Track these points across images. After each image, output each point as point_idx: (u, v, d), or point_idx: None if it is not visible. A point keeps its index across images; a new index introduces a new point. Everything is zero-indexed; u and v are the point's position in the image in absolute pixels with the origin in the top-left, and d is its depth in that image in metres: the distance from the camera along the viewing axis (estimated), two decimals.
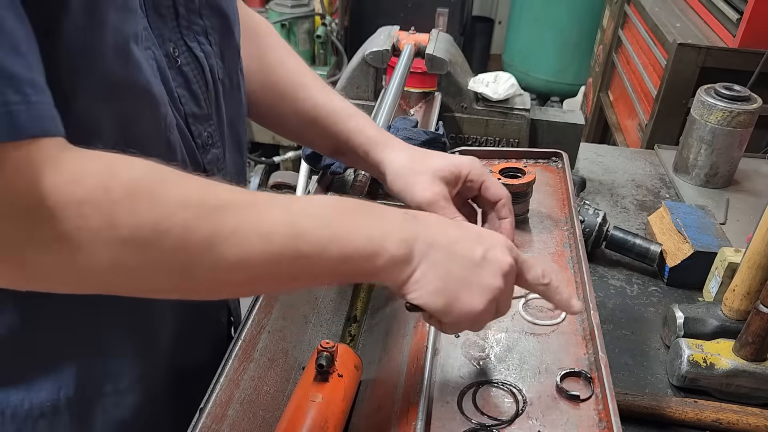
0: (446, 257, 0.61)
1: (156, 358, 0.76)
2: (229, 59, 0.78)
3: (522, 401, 0.68)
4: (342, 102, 0.90)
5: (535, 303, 0.81)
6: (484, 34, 4.56)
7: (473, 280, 0.61)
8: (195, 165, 0.73)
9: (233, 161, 0.84)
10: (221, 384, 0.70)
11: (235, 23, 0.77)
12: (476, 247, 0.62)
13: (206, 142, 0.74)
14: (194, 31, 0.71)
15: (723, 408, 0.88)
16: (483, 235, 0.64)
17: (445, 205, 0.80)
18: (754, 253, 0.91)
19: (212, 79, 0.73)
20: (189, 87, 0.70)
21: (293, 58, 0.94)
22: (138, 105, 0.61)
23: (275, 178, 3.04)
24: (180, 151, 0.69)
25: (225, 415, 0.69)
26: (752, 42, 1.76)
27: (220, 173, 0.78)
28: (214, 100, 0.75)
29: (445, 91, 1.49)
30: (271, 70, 0.91)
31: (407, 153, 0.86)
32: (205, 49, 0.72)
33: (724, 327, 0.97)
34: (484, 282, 0.61)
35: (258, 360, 0.78)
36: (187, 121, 0.70)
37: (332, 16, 3.57)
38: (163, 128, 0.65)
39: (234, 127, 0.82)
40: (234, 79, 0.81)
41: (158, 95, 0.63)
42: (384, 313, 0.94)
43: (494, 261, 0.62)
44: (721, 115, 1.37)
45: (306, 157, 1.12)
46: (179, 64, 0.68)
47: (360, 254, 0.58)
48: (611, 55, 2.59)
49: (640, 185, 1.50)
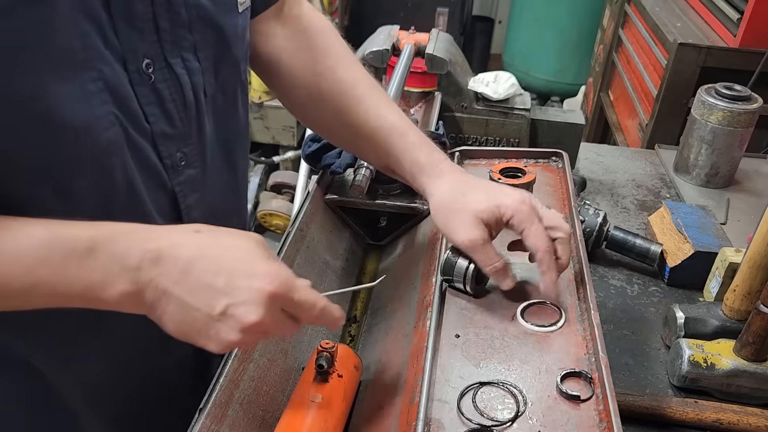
0: (179, 308, 0.58)
1: (130, 361, 0.76)
2: (225, 74, 0.75)
3: (522, 401, 0.67)
4: (396, 117, 0.86)
5: (533, 310, 0.81)
6: (484, 34, 4.56)
7: (209, 332, 0.59)
8: (158, 186, 0.70)
9: (223, 178, 0.81)
10: (221, 384, 0.70)
11: (233, 36, 0.73)
12: (218, 301, 0.58)
13: (178, 162, 0.71)
14: (180, 47, 0.67)
15: (723, 408, 0.88)
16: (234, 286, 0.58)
17: (483, 250, 0.76)
18: (755, 253, 0.90)
19: (194, 98, 0.70)
20: (162, 105, 0.67)
21: (349, 66, 0.89)
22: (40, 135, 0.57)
23: (275, 178, 3.04)
24: (123, 175, 0.65)
25: (225, 415, 0.69)
26: (753, 42, 1.76)
27: (196, 193, 0.74)
28: (195, 118, 0.71)
29: (445, 90, 1.49)
30: (323, 79, 0.86)
31: (450, 185, 0.81)
32: (190, 65, 0.68)
33: (724, 327, 0.97)
34: (219, 336, 0.59)
35: (258, 360, 0.78)
36: (154, 140, 0.67)
37: (332, 16, 3.57)
38: (88, 155, 0.61)
39: (226, 145, 0.79)
40: (230, 95, 0.77)
41: (78, 122, 0.58)
42: (384, 313, 0.93)
43: (234, 318, 0.58)
44: (722, 114, 1.37)
45: (306, 157, 1.12)
46: (153, 81, 0.65)
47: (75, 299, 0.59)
48: (611, 55, 2.59)
49: (641, 185, 1.50)
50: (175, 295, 0.58)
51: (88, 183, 0.63)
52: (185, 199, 0.73)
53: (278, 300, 0.60)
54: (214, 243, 0.61)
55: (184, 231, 0.61)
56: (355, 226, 1.11)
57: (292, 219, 1.01)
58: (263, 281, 0.59)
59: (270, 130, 3.07)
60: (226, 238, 0.62)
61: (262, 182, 3.05)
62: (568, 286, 0.84)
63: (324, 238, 1.04)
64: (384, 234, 1.12)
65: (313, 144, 1.10)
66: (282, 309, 0.61)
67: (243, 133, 0.85)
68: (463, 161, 1.12)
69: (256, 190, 2.99)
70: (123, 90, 0.62)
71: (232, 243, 0.62)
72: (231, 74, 0.76)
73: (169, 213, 0.73)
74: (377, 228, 1.13)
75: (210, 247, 0.60)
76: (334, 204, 1.09)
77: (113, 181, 0.64)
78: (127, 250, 0.58)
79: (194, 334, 0.60)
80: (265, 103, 2.96)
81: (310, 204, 1.04)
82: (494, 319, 0.79)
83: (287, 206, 2.93)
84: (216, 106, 0.75)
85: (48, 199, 0.61)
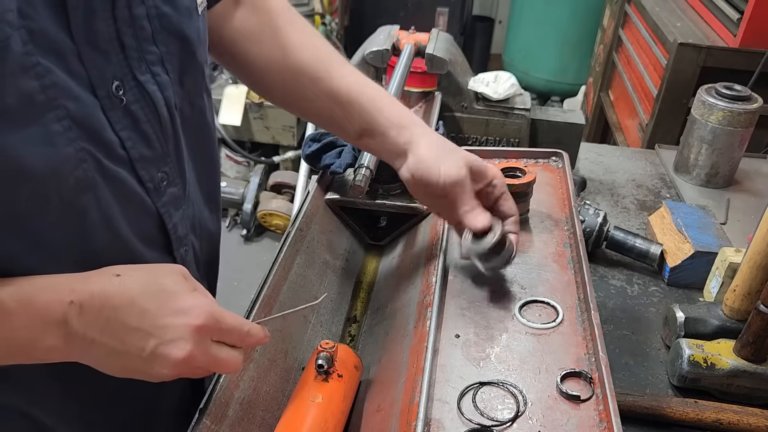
0: (110, 354, 0.59)
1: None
2: (190, 83, 0.72)
3: (522, 401, 0.68)
4: (369, 82, 0.89)
5: (532, 308, 0.81)
6: (485, 34, 4.56)
7: (145, 371, 0.60)
8: (140, 210, 0.68)
9: (201, 190, 0.80)
10: (221, 384, 0.70)
11: (197, 43, 0.71)
12: (146, 342, 0.59)
13: (159, 183, 0.69)
14: (148, 61, 0.64)
15: (723, 408, 0.88)
16: (160, 326, 0.59)
17: (467, 189, 0.81)
18: (755, 253, 0.90)
19: (168, 114, 0.67)
20: (137, 127, 0.64)
21: (316, 38, 0.91)
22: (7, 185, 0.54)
23: (275, 178, 3.04)
24: (97, 211, 0.62)
25: (225, 416, 0.69)
26: (753, 41, 1.76)
27: (179, 210, 0.73)
28: (172, 135, 0.69)
29: (445, 90, 1.49)
30: (295, 53, 0.87)
31: (438, 137, 0.86)
32: (161, 80, 0.66)
33: (724, 327, 0.97)
34: (153, 373, 0.60)
35: (258, 360, 0.78)
36: (133, 165, 0.64)
37: (332, 16, 3.57)
38: (57, 198, 0.58)
39: (200, 153, 0.78)
40: (197, 104, 0.76)
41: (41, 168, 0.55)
42: (384, 313, 0.93)
43: (163, 356, 0.59)
44: (722, 114, 1.37)
45: (306, 157, 1.12)
46: (125, 103, 0.62)
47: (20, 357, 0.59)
48: (612, 55, 2.59)
49: (641, 185, 1.50)
50: (103, 343, 0.58)
51: (60, 229, 0.60)
52: (171, 218, 0.72)
53: (206, 332, 0.61)
54: (135, 285, 0.60)
55: (103, 277, 0.60)
56: (355, 226, 1.11)
57: (292, 219, 1.01)
58: (189, 317, 0.60)
59: (270, 130, 3.07)
60: (148, 277, 0.62)
61: (262, 182, 3.05)
62: (568, 286, 0.84)
63: (324, 238, 1.04)
64: (384, 234, 1.12)
65: (313, 144, 1.10)
66: (212, 340, 0.62)
67: (212, 139, 0.84)
68: None
69: (256, 190, 2.99)
70: (94, 121, 0.59)
71: (155, 282, 0.61)
72: (196, 81, 0.74)
73: (156, 235, 0.71)
74: (377, 228, 1.13)
75: (131, 291, 0.60)
76: (334, 204, 1.09)
77: (87, 220, 0.61)
78: (47, 305, 0.57)
79: (132, 373, 0.61)
80: (265, 103, 2.96)
81: (310, 204, 1.04)
82: (494, 319, 0.79)
83: (287, 206, 2.94)
84: (185, 117, 0.72)
85: (20, 253, 0.58)
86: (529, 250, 0.92)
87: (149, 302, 0.59)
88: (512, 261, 0.83)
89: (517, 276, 0.86)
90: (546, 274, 0.86)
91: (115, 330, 0.58)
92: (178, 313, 0.60)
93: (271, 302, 0.85)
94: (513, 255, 0.83)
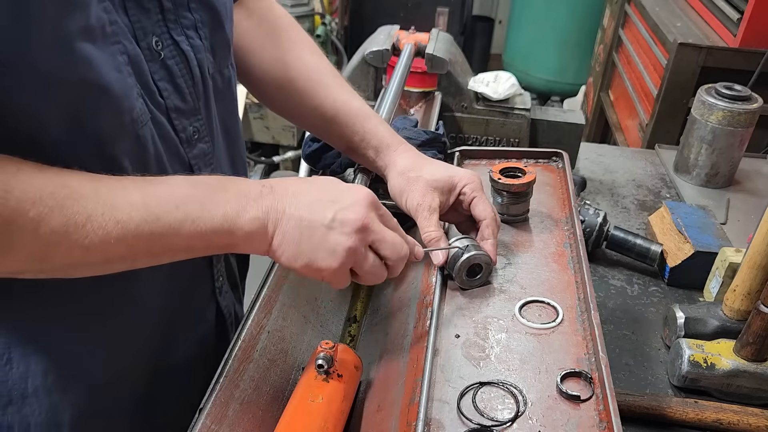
0: (297, 226, 0.66)
1: (136, 354, 0.77)
2: (220, 55, 0.79)
3: (522, 402, 0.67)
4: (360, 103, 0.93)
5: (532, 308, 0.81)
6: (485, 34, 4.56)
7: (323, 243, 0.66)
8: (177, 159, 0.73)
9: (227, 155, 0.85)
10: (221, 384, 0.70)
11: (226, 18, 0.78)
12: (327, 210, 0.66)
13: (191, 136, 0.75)
14: (183, 25, 0.71)
15: (723, 408, 0.88)
16: (339, 197, 0.68)
17: (427, 215, 0.83)
18: (755, 253, 0.90)
19: (200, 74, 0.74)
20: (173, 80, 0.70)
21: (314, 54, 0.96)
22: (90, 101, 0.60)
23: (275, 177, 3.05)
24: (153, 146, 0.69)
25: (225, 415, 0.69)
26: (753, 41, 1.76)
27: (208, 168, 0.78)
28: (203, 94, 0.75)
29: (445, 90, 1.49)
30: (291, 67, 0.92)
31: (410, 160, 0.89)
32: (194, 43, 0.72)
33: (724, 327, 0.97)
34: (332, 242, 0.66)
35: (258, 360, 0.78)
36: (169, 115, 0.71)
37: (332, 16, 3.57)
38: (129, 123, 0.64)
39: (226, 122, 0.83)
40: (225, 74, 0.82)
41: (118, 90, 0.62)
42: (384, 313, 0.93)
43: (343, 221, 0.66)
44: (722, 114, 1.37)
45: (306, 157, 1.12)
46: (162, 58, 0.69)
47: (215, 232, 0.63)
48: (612, 55, 2.59)
49: (641, 185, 1.50)
50: (291, 214, 0.66)
51: (130, 152, 0.66)
52: (200, 173, 0.77)
53: (374, 205, 0.69)
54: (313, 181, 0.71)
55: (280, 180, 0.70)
56: None
57: None
58: (361, 191, 0.70)
59: (270, 130, 3.07)
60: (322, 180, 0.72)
61: None
62: (568, 286, 0.84)
63: None
64: None
65: (313, 144, 1.10)
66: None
67: (236, 111, 0.89)
68: (463, 161, 1.12)
69: None
70: (141, 65, 0.65)
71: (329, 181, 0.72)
72: (224, 54, 0.80)
73: None
74: None
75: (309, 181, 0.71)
76: None
77: (147, 151, 0.68)
78: (246, 185, 0.67)
79: (311, 249, 0.66)
80: None
81: None
82: (494, 319, 0.79)
83: None
84: (216, 86, 0.79)
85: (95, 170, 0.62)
86: (529, 250, 0.92)
87: (326, 184, 0.71)
88: (489, 278, 0.84)
89: (517, 276, 0.86)
90: (546, 274, 0.86)
91: (301, 201, 0.67)
92: (351, 189, 0.70)
93: (272, 302, 0.85)
94: (490, 271, 0.84)
